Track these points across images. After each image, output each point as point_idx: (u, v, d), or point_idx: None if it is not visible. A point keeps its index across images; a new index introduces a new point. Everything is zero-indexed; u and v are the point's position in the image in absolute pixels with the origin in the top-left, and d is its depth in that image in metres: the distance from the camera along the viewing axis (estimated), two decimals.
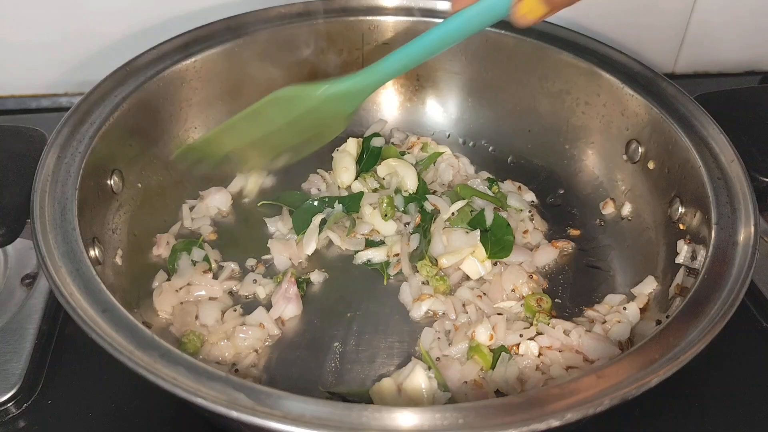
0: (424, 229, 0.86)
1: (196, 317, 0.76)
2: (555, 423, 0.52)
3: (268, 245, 0.85)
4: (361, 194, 0.90)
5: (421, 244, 0.85)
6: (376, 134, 0.99)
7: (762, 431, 0.73)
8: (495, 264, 0.83)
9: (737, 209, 0.71)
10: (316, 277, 0.83)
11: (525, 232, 0.87)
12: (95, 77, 0.82)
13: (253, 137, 0.80)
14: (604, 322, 0.77)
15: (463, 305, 0.79)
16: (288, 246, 0.85)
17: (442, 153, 0.97)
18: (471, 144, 1.02)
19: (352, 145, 0.95)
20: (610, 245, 0.88)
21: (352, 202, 0.89)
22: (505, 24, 0.94)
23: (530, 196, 0.93)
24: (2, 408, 0.70)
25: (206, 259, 0.82)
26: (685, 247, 0.75)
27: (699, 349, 0.58)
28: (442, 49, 0.71)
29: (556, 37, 0.93)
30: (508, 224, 0.85)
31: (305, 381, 0.72)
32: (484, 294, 0.80)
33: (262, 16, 0.94)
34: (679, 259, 0.76)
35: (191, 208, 0.89)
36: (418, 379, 0.69)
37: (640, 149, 0.87)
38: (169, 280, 0.80)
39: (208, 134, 0.82)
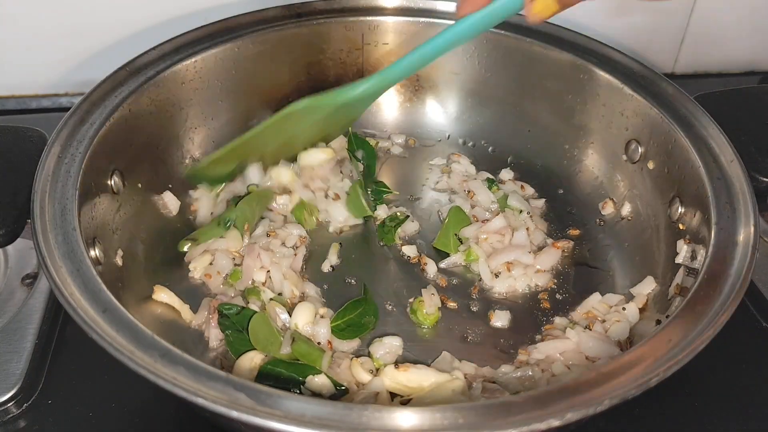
0: None
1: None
2: (555, 423, 0.52)
3: None
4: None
5: None
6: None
7: (762, 430, 0.73)
8: (497, 275, 0.84)
9: (737, 209, 0.71)
10: None
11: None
12: (95, 77, 0.82)
13: (265, 149, 0.82)
14: (604, 321, 0.77)
15: None
16: None
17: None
18: (471, 144, 1.02)
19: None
20: (609, 245, 0.88)
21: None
22: (504, 24, 0.95)
23: (536, 202, 0.93)
24: (2, 408, 0.70)
25: None
26: (685, 247, 0.75)
27: (699, 349, 0.58)
28: (447, 51, 0.73)
29: (556, 37, 0.93)
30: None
31: None
32: None
33: (262, 16, 0.94)
34: (679, 259, 0.76)
35: None
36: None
37: (640, 149, 0.87)
38: None
39: (218, 153, 0.84)
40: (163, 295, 0.77)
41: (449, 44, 0.72)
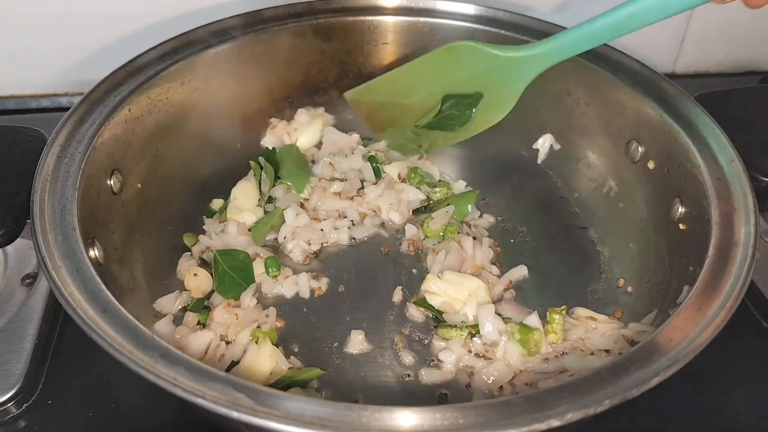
0: None
1: None
2: (555, 423, 0.52)
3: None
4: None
5: None
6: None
7: (762, 430, 0.73)
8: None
9: (737, 209, 0.71)
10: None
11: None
12: (95, 77, 0.82)
13: (417, 92, 0.78)
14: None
15: None
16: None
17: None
18: (470, 144, 1.01)
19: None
20: (610, 245, 0.88)
21: None
22: (504, 24, 0.95)
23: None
24: (2, 408, 0.70)
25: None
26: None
27: (699, 349, 0.58)
28: (636, 27, 0.65)
29: None
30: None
31: None
32: None
33: (262, 16, 0.94)
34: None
35: None
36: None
37: (640, 149, 0.87)
38: None
39: (377, 79, 0.83)
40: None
41: (638, 17, 0.64)
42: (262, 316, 0.78)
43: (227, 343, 0.75)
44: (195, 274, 0.80)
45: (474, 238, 0.85)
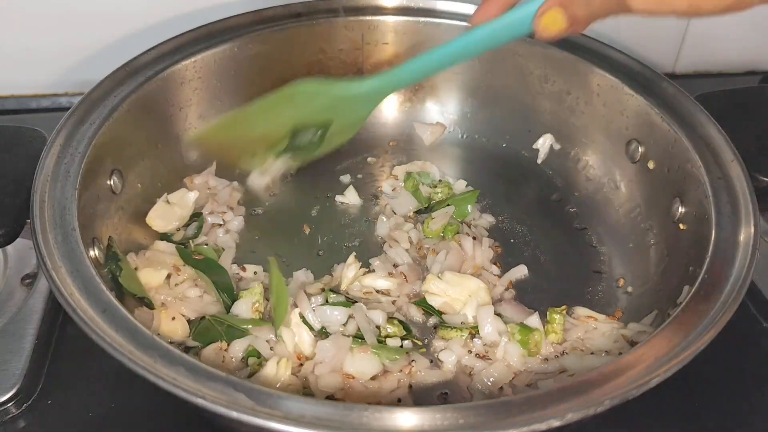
0: None
1: None
2: (555, 423, 0.52)
3: None
4: None
5: None
6: None
7: (762, 430, 0.73)
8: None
9: (737, 209, 0.71)
10: None
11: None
12: (95, 77, 0.82)
13: (264, 128, 0.79)
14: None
15: None
16: None
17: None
18: (470, 145, 1.02)
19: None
20: (610, 245, 0.88)
21: None
22: None
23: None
24: (2, 408, 0.70)
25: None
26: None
27: (699, 349, 0.58)
28: (459, 61, 0.70)
29: None
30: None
31: None
32: None
33: (262, 16, 0.94)
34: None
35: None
36: None
37: (640, 149, 0.87)
38: None
39: (221, 119, 0.81)
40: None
41: (464, 51, 0.68)
42: None
43: None
44: (173, 318, 0.74)
45: (474, 238, 0.86)
